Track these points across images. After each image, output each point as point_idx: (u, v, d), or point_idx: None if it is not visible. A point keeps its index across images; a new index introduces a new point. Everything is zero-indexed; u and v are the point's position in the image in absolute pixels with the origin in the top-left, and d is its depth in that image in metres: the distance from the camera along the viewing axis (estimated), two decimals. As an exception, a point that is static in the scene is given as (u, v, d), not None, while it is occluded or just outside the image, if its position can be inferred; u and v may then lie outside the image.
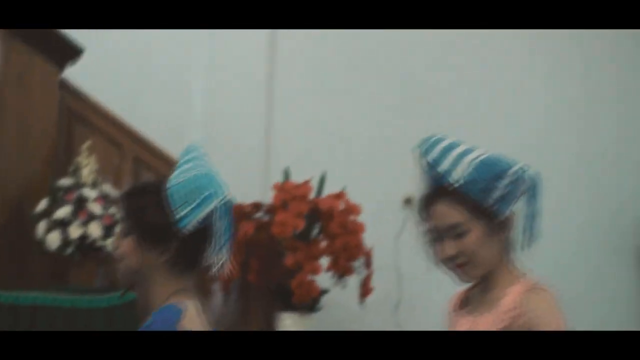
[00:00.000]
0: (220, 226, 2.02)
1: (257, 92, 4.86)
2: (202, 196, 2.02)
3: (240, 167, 4.68)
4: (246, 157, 4.76)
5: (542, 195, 2.02)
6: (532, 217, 2.04)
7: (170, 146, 4.15)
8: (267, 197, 4.18)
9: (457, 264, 2.06)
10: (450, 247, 2.05)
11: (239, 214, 4.07)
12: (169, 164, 3.88)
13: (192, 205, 2.02)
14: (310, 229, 4.12)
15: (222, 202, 2.02)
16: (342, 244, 4.05)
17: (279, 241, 4.02)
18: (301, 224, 4.02)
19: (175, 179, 2.07)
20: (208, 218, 2.03)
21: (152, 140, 4.16)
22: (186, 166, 2.10)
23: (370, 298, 4.16)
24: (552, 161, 5.07)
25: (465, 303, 2.17)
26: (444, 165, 2.04)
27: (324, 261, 4.08)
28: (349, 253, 4.05)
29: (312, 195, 4.14)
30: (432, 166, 2.07)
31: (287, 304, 4.06)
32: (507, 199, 2.01)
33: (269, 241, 4.05)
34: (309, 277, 4.00)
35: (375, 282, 4.12)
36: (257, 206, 4.14)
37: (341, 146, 4.88)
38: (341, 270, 4.08)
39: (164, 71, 4.74)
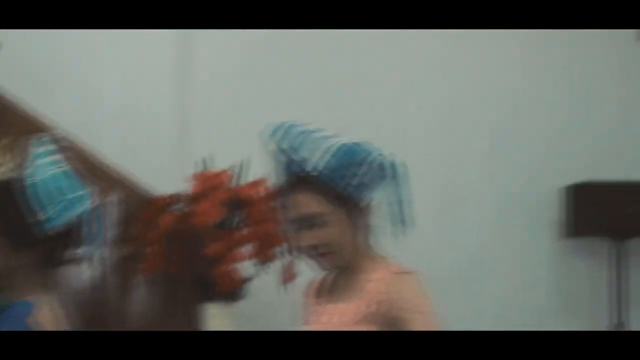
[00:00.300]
0: (91, 229, 1.97)
1: (171, 83, 4.78)
2: (69, 198, 1.95)
3: (155, 159, 4.62)
4: (161, 149, 4.68)
5: (407, 182, 1.98)
6: (398, 203, 1.98)
7: (87, 139, 4.22)
8: (185, 188, 4.15)
9: (318, 253, 2.01)
10: (310, 237, 2.00)
11: (157, 206, 4.05)
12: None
13: (59, 207, 1.95)
14: (231, 217, 4.10)
15: (90, 205, 1.97)
16: (263, 231, 4.04)
17: (199, 231, 4.00)
18: (222, 213, 4.00)
19: (36, 175, 1.98)
20: (76, 220, 1.97)
21: (66, 133, 4.10)
22: (42, 160, 2.00)
23: (296, 282, 4.16)
24: (463, 137, 5.09)
25: (323, 291, 2.12)
26: (300, 153, 1.98)
27: (247, 249, 4.08)
28: (271, 240, 4.04)
29: (232, 183, 4.13)
30: (288, 153, 2.01)
31: (211, 294, 4.05)
32: (366, 185, 1.96)
33: (189, 232, 4.03)
34: (232, 266, 3.99)
35: (301, 266, 4.11)
36: (175, 198, 4.11)
37: (259, 135, 4.83)
38: (264, 258, 4.07)
39: (77, 64, 4.65)
